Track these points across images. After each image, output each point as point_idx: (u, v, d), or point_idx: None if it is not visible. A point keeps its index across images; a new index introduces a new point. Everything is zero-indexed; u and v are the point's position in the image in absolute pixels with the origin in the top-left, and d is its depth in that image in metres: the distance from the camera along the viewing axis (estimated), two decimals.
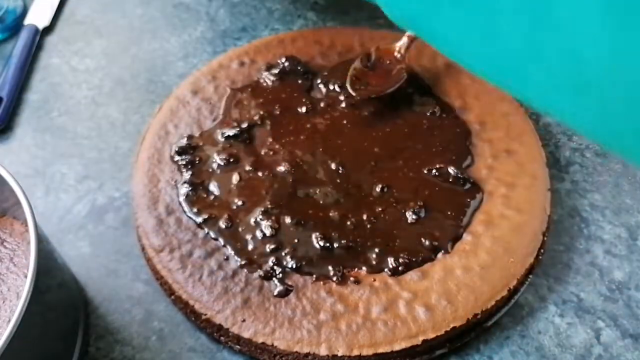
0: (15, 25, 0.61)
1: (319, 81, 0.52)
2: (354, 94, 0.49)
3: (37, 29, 0.60)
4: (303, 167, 0.46)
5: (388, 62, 0.51)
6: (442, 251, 0.42)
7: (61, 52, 0.59)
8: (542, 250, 0.43)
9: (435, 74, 0.52)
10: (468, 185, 0.45)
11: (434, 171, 0.45)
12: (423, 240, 0.42)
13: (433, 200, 0.44)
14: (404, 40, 0.51)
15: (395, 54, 0.51)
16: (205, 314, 0.39)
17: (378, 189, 0.45)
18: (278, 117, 0.49)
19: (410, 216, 0.43)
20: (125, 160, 0.50)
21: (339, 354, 0.38)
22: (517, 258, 0.41)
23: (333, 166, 0.46)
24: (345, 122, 0.49)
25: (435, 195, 0.44)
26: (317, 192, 0.45)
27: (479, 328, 0.40)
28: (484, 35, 0.26)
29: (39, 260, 0.32)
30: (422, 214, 0.43)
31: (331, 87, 0.51)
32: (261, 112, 0.49)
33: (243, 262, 0.41)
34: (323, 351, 0.38)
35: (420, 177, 0.45)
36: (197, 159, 0.47)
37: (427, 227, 0.43)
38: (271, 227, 0.42)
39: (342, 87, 0.51)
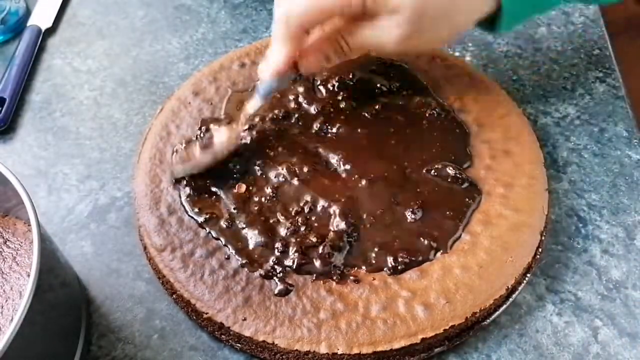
0: (18, 27, 0.61)
1: (318, 82, 0.52)
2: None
3: (39, 30, 0.60)
4: (303, 167, 0.46)
5: None
6: (441, 250, 0.42)
7: (63, 53, 0.60)
8: (540, 250, 0.43)
9: (434, 76, 0.52)
10: (466, 185, 0.45)
11: (432, 171, 0.46)
12: (422, 240, 0.42)
13: (432, 200, 0.44)
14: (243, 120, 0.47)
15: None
16: (207, 313, 0.40)
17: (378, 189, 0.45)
18: (279, 118, 0.49)
19: (409, 216, 0.43)
20: (127, 160, 0.51)
21: (339, 352, 0.38)
22: (515, 257, 0.42)
23: (333, 166, 0.46)
24: (345, 122, 0.49)
25: (434, 195, 0.45)
26: (318, 192, 0.45)
27: (477, 326, 0.40)
28: None
29: (42, 259, 0.33)
30: (421, 214, 0.44)
31: (330, 88, 0.52)
32: (262, 113, 0.50)
33: (244, 262, 0.41)
34: (323, 349, 0.38)
35: (420, 177, 0.46)
36: None
37: (426, 227, 0.43)
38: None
39: (342, 88, 0.51)
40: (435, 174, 0.46)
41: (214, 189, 0.45)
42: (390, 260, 0.41)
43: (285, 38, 0.42)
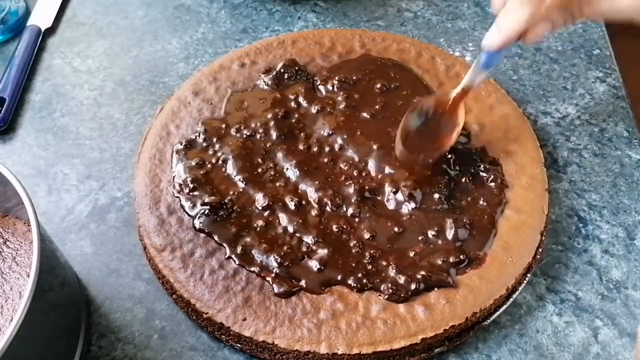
0: (18, 26, 0.61)
1: (318, 82, 0.52)
2: (407, 154, 0.45)
3: (39, 30, 0.60)
4: (304, 167, 0.46)
5: (442, 112, 0.45)
6: None
7: (63, 53, 0.60)
8: (540, 250, 0.43)
9: (434, 76, 0.52)
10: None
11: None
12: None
13: None
14: (458, 90, 0.44)
15: (448, 102, 0.45)
16: (207, 313, 0.40)
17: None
18: (279, 118, 0.49)
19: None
20: (127, 160, 0.51)
21: (339, 352, 0.38)
22: (515, 257, 0.42)
23: (332, 165, 0.46)
24: (345, 122, 0.49)
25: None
26: (318, 192, 0.45)
27: (477, 327, 0.40)
28: None
29: (42, 259, 0.33)
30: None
31: (330, 88, 0.52)
32: (262, 113, 0.50)
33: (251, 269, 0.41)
34: (323, 349, 0.38)
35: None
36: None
37: None
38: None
39: (341, 87, 0.51)
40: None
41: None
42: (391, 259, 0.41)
43: (525, 1, 0.38)
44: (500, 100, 0.51)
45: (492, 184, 0.45)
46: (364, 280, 0.40)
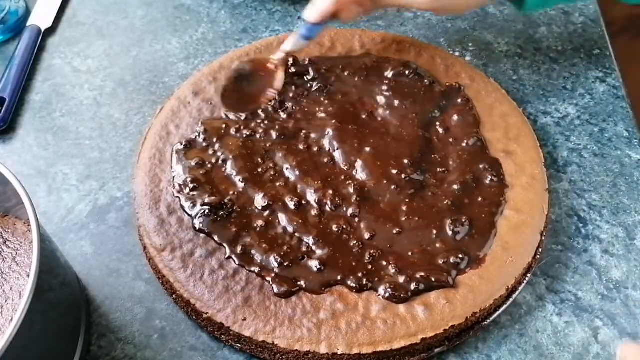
0: (18, 26, 0.61)
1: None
2: (224, 108, 0.49)
3: (39, 30, 0.60)
4: (304, 167, 0.46)
5: (262, 74, 0.50)
6: None
7: (63, 53, 0.60)
8: (540, 250, 0.43)
9: (434, 75, 0.52)
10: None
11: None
12: None
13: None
14: (280, 55, 0.50)
15: (269, 65, 0.50)
16: (207, 313, 0.40)
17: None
18: (280, 118, 0.49)
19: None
20: (127, 160, 0.51)
21: (339, 352, 0.38)
22: (515, 257, 0.42)
23: (332, 165, 0.46)
24: (342, 123, 0.49)
25: None
26: (317, 192, 0.45)
27: (477, 327, 0.40)
28: None
29: (42, 259, 0.33)
30: None
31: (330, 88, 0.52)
32: (262, 113, 0.50)
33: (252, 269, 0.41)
34: (323, 349, 0.38)
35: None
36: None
37: None
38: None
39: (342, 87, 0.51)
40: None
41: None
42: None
43: None
44: (500, 100, 0.51)
45: (492, 184, 0.45)
46: (364, 280, 0.40)
